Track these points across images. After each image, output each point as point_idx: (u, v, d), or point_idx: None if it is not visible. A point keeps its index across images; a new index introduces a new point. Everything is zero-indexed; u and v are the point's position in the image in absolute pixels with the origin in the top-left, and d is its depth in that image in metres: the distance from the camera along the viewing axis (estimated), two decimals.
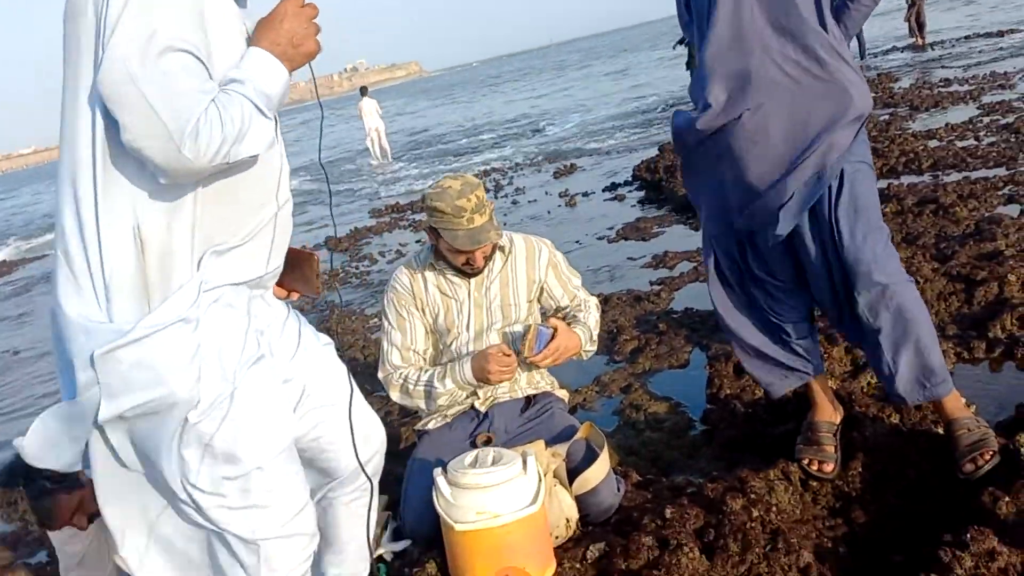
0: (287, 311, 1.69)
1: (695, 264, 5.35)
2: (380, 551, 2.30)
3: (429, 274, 2.55)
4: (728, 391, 3.26)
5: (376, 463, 1.85)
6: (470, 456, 2.04)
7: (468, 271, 2.47)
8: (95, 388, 1.38)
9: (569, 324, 2.56)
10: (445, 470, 2.02)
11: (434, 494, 2.00)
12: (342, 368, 1.77)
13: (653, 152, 8.93)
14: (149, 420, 1.43)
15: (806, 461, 2.42)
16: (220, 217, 1.46)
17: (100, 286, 1.38)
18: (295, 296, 1.77)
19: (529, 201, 9.11)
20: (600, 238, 6.64)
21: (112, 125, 1.33)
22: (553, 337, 2.43)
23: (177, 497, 1.48)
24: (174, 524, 1.54)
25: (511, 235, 2.60)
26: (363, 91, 17.66)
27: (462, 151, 16.54)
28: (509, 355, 2.40)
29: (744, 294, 2.44)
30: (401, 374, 2.53)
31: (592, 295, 2.71)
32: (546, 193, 9.27)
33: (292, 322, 1.70)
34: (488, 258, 2.49)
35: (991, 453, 2.13)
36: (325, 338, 1.78)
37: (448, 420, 2.53)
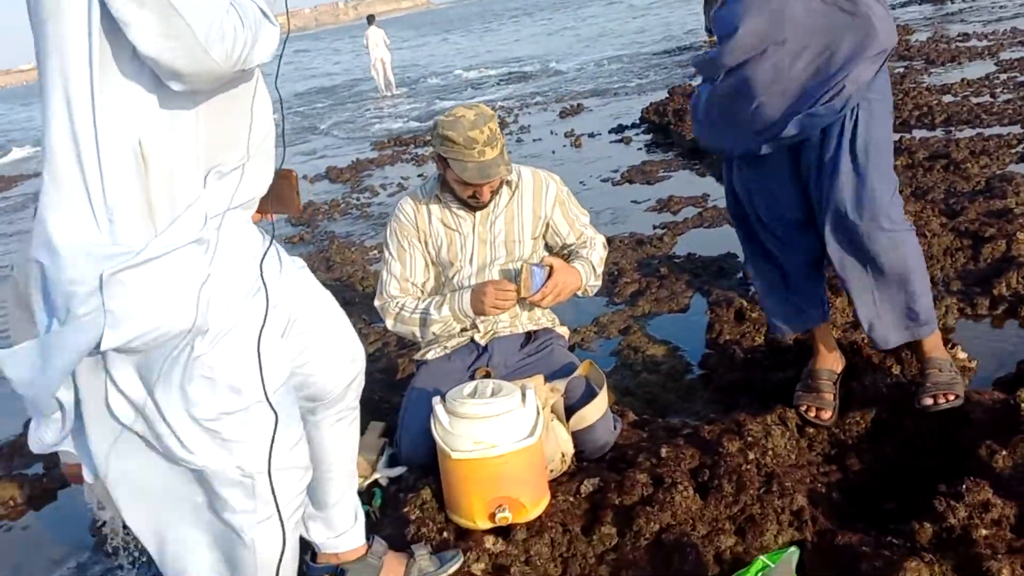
0: (264, 235, 1.64)
1: (700, 210, 5.30)
2: (376, 476, 2.31)
3: (434, 206, 2.50)
4: (728, 336, 3.25)
5: (359, 384, 1.83)
6: (469, 387, 2.03)
7: (473, 204, 2.43)
8: (92, 315, 1.28)
9: (569, 260, 2.53)
10: (444, 399, 2.01)
11: (432, 423, 1.99)
12: (321, 290, 1.73)
13: (663, 95, 8.78)
14: (150, 350, 1.36)
15: (804, 408, 2.42)
16: (220, 135, 1.39)
17: (101, 208, 1.28)
18: (272, 218, 1.71)
19: (534, 140, 9.00)
20: (605, 180, 6.58)
21: (111, 31, 1.23)
22: (550, 275, 2.40)
23: (162, 433, 1.44)
24: (141, 458, 1.50)
25: (519, 168, 2.54)
26: (370, 20, 17.30)
27: (467, 87, 16.29)
28: (508, 288, 2.37)
29: (758, 240, 2.42)
30: (398, 303, 2.51)
31: (600, 234, 2.67)
32: (551, 132, 9.15)
33: (272, 247, 1.66)
34: (495, 192, 2.45)
35: (954, 396, 2.20)
36: (299, 261, 1.73)
37: (448, 351, 2.52)
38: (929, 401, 2.22)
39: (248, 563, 1.53)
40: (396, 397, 2.85)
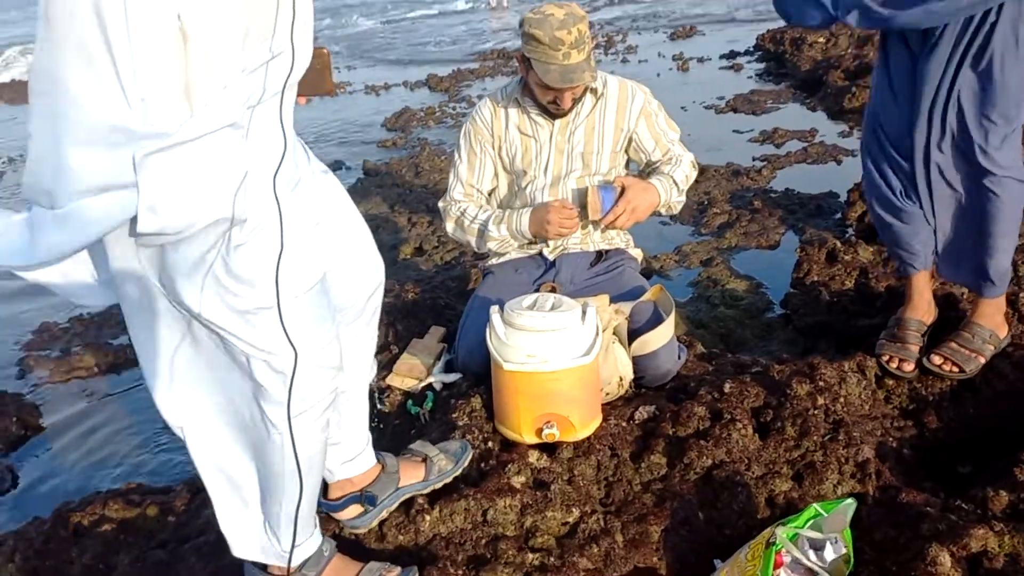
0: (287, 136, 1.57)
1: (805, 145, 5.02)
2: (430, 380, 2.29)
3: (512, 111, 2.40)
4: (816, 277, 3.07)
5: (379, 298, 1.78)
6: (529, 299, 1.97)
7: (554, 111, 2.31)
8: (123, 193, 1.21)
9: (648, 177, 2.40)
10: (502, 309, 1.96)
11: (487, 331, 1.94)
12: (345, 197, 1.66)
13: (782, 23, 8.28)
14: (186, 240, 1.32)
15: (886, 358, 2.28)
16: (262, 16, 1.29)
17: (131, 83, 1.18)
18: (302, 102, 1.64)
19: (640, 61, 8.66)
20: (708, 107, 6.29)
21: None
22: (621, 195, 2.28)
23: (202, 319, 1.43)
24: (195, 347, 1.50)
25: (606, 76, 2.40)
26: None
27: (583, 3, 15.79)
28: (571, 209, 2.28)
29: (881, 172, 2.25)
30: (460, 207, 2.45)
31: (689, 152, 2.51)
32: (659, 55, 8.79)
33: (299, 144, 1.60)
34: (577, 100, 2.32)
35: (958, 369, 2.21)
36: (322, 165, 1.67)
37: (514, 260, 2.46)
38: (936, 361, 2.23)
39: (276, 458, 1.54)
40: (462, 305, 2.82)
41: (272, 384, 1.51)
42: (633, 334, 2.18)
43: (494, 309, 1.96)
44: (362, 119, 7.69)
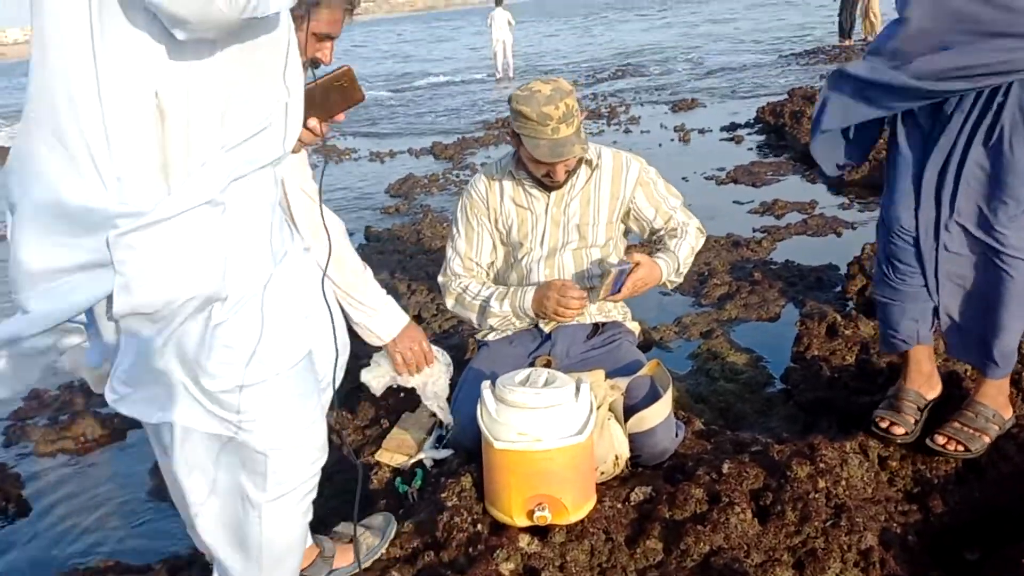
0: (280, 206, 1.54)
1: (805, 216, 5.03)
2: (421, 456, 2.23)
3: (507, 183, 2.39)
4: (816, 352, 3.03)
5: (341, 372, 1.76)
6: (522, 374, 1.92)
7: (548, 183, 2.31)
8: (102, 271, 1.20)
9: (654, 253, 2.39)
10: (494, 384, 1.91)
11: (479, 407, 1.89)
12: (318, 272, 1.64)
13: (782, 97, 8.41)
14: (163, 319, 1.29)
15: (879, 419, 2.26)
16: (244, 90, 1.28)
17: (106, 164, 1.17)
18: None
19: (642, 132, 8.78)
20: (709, 178, 6.33)
21: None
22: (631, 272, 2.26)
23: (187, 399, 1.39)
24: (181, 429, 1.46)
25: (600, 149, 2.40)
26: (498, 1, 17.29)
27: (581, 75, 16.08)
28: (573, 290, 2.25)
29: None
30: (462, 283, 2.42)
31: (694, 217, 2.50)
32: (661, 126, 8.90)
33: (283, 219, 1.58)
34: (571, 172, 2.32)
35: (963, 448, 2.16)
36: (302, 241, 1.66)
37: (509, 335, 2.42)
38: (940, 440, 2.19)
39: (254, 541, 1.48)
40: (457, 376, 2.78)
41: (254, 464, 1.47)
42: (630, 410, 2.13)
43: (485, 384, 1.92)
44: (366, 185, 7.75)
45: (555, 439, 1.80)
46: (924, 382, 2.34)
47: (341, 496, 2.28)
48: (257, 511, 1.49)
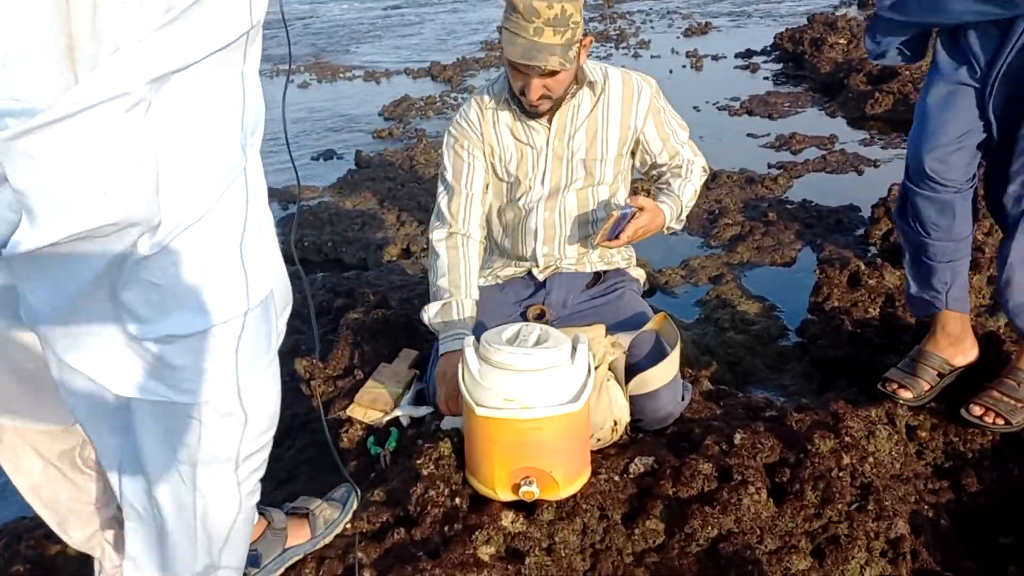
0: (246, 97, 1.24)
1: (824, 152, 4.71)
2: (396, 413, 2.00)
3: (503, 113, 2.08)
4: (836, 303, 2.78)
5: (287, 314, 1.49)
6: (510, 330, 1.68)
7: (526, 108, 2.00)
8: None
9: (656, 195, 2.11)
10: (478, 341, 1.67)
11: (459, 367, 1.65)
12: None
13: (802, 22, 7.96)
14: (78, 247, 1.02)
15: (888, 380, 2.10)
16: None
17: None
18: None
19: (652, 56, 8.34)
20: (721, 108, 5.97)
21: None
22: (633, 217, 1.98)
23: (105, 349, 1.13)
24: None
25: (606, 70, 2.09)
26: None
27: None
28: (454, 400, 1.93)
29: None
30: (439, 249, 2.11)
31: (700, 155, 2.21)
32: (672, 51, 8.46)
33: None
34: (555, 102, 1.99)
35: (1003, 421, 1.95)
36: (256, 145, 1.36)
37: (500, 281, 2.16)
38: (977, 411, 1.98)
39: (187, 522, 1.25)
40: None
41: (184, 432, 1.22)
42: (631, 370, 1.89)
43: (468, 341, 1.67)
44: (358, 106, 7.39)
45: (546, 407, 1.57)
46: (950, 345, 2.11)
47: (307, 453, 2.06)
48: (189, 487, 1.25)
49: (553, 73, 1.88)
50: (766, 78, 6.89)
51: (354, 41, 11.71)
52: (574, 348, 1.64)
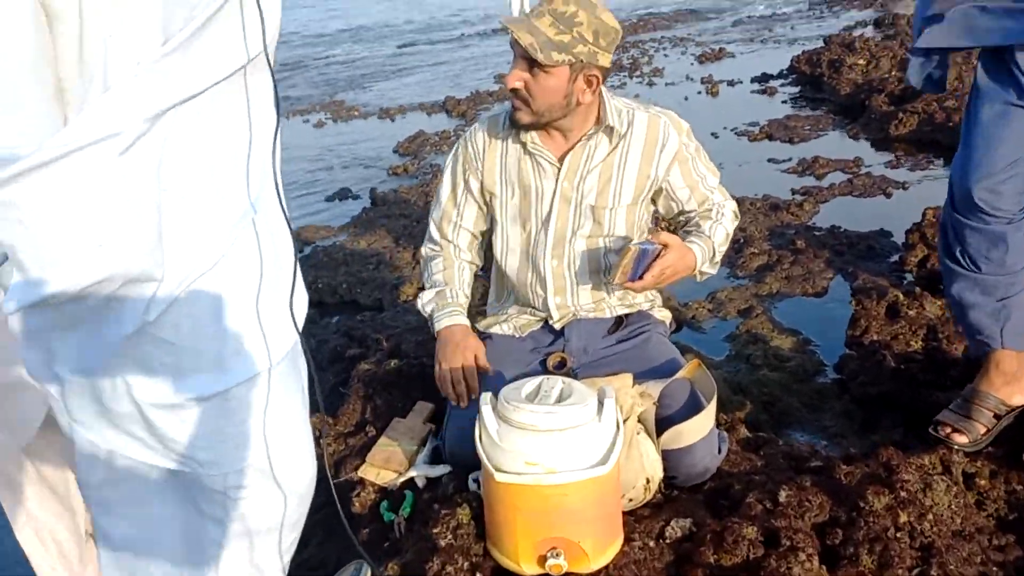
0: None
1: (850, 176, 4.57)
2: (412, 474, 1.87)
3: (513, 145, 1.97)
4: (875, 336, 2.63)
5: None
6: (530, 385, 1.55)
7: (513, 118, 1.88)
8: None
9: (685, 237, 1.96)
10: (495, 397, 1.54)
11: (476, 427, 1.52)
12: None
13: (818, 45, 7.85)
14: (82, 304, 0.92)
15: (940, 424, 1.94)
16: None
17: None
18: None
19: (667, 84, 8.25)
20: (740, 134, 5.85)
21: None
22: (658, 256, 1.82)
23: (112, 418, 1.02)
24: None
25: (633, 111, 1.93)
26: None
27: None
28: (469, 384, 1.89)
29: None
30: (432, 251, 2.11)
31: (731, 199, 2.07)
32: (687, 78, 8.36)
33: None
34: (534, 113, 1.83)
35: (964, 439, 1.90)
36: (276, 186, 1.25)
37: (518, 333, 2.03)
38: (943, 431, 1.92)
39: None
40: None
41: (211, 506, 1.10)
42: (664, 422, 1.75)
43: (485, 397, 1.54)
44: (374, 144, 7.35)
45: (572, 471, 1.43)
46: (1006, 384, 1.96)
47: (320, 514, 1.93)
48: (214, 561, 1.13)
49: (533, 65, 1.75)
50: (784, 102, 6.76)
51: (369, 79, 11.75)
52: (601, 403, 1.51)
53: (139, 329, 0.96)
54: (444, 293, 2.02)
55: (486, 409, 1.51)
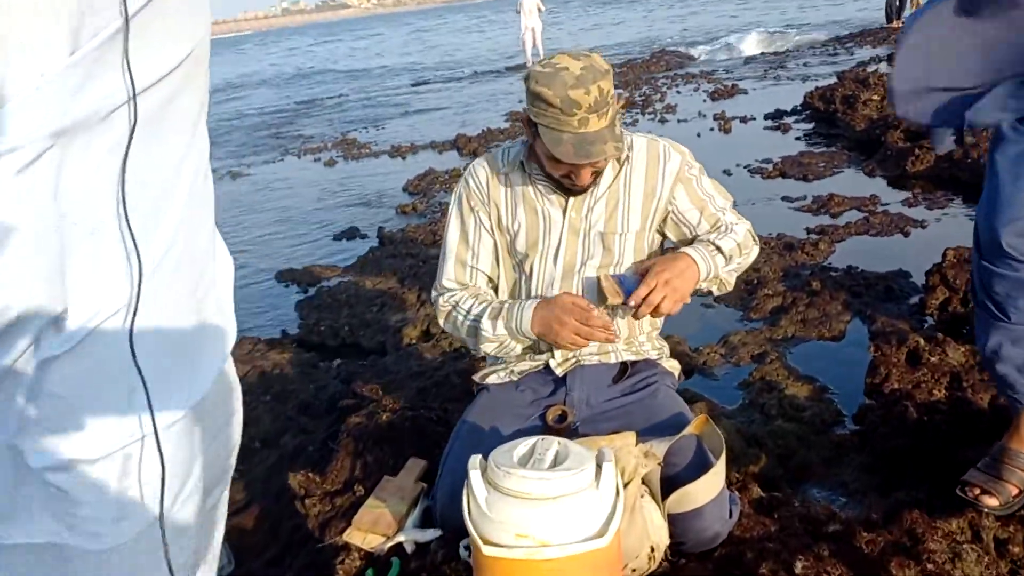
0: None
1: (866, 215, 4.45)
2: (400, 537, 1.75)
3: (516, 176, 1.89)
4: (896, 384, 2.50)
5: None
6: (523, 447, 1.43)
7: (568, 186, 1.81)
8: None
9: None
10: (485, 459, 1.42)
11: (464, 493, 1.41)
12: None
13: (831, 81, 7.78)
14: None
15: (969, 485, 1.81)
16: None
17: None
18: None
19: (679, 120, 8.21)
20: (754, 171, 5.76)
21: None
22: (649, 271, 1.75)
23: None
24: None
25: (631, 137, 1.89)
26: None
27: (615, 60, 15.44)
28: (601, 323, 1.74)
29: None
30: (453, 298, 1.92)
31: (745, 220, 1.96)
32: (700, 114, 8.32)
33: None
34: (599, 173, 1.82)
35: (994, 502, 1.76)
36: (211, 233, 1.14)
37: (515, 378, 1.92)
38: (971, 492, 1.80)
39: None
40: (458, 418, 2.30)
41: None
42: (670, 482, 1.64)
43: (474, 461, 1.42)
44: (384, 182, 7.33)
45: (567, 543, 1.31)
46: None
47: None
48: None
49: None
50: (798, 138, 6.68)
51: (382, 118, 11.81)
52: (599, 468, 1.39)
53: (33, 378, 0.85)
54: (498, 308, 1.85)
55: (474, 474, 1.39)
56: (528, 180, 1.87)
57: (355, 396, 2.60)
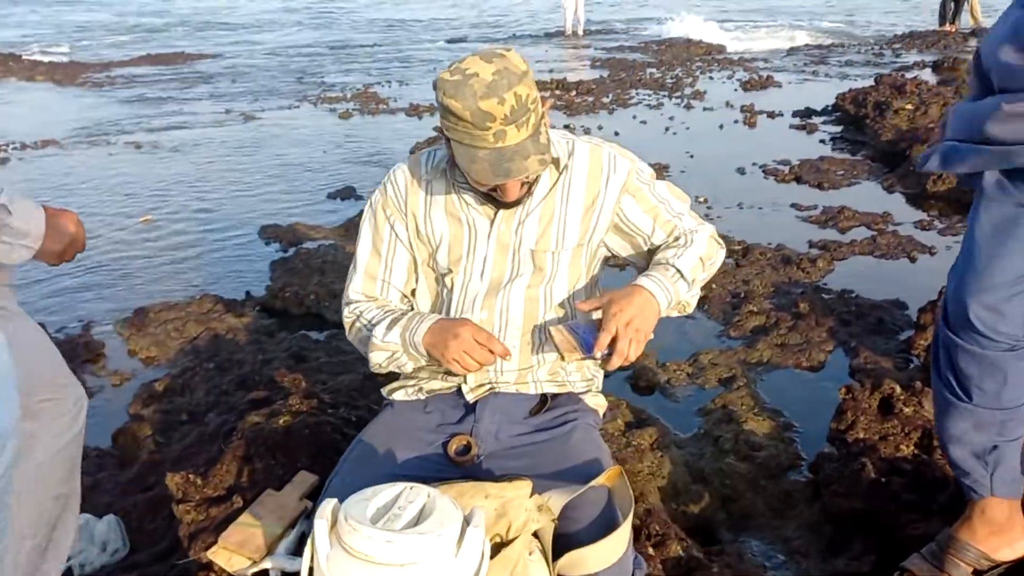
0: None
1: (875, 233, 4.21)
2: (266, 565, 1.59)
3: (439, 184, 1.69)
4: (862, 434, 2.31)
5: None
6: (386, 494, 1.26)
7: (498, 198, 1.61)
8: None
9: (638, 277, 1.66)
10: (339, 508, 1.25)
11: (307, 546, 1.24)
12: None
13: (868, 83, 7.43)
14: None
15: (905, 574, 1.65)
16: None
17: None
18: None
19: (704, 108, 7.90)
20: (769, 173, 5.49)
21: None
22: (605, 313, 1.53)
23: None
24: None
25: (573, 143, 1.68)
26: None
27: (656, 37, 15.01)
28: (487, 338, 1.55)
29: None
30: (357, 308, 1.74)
31: (707, 223, 1.74)
32: (727, 104, 8.01)
33: None
34: (531, 184, 1.61)
35: None
36: None
37: (423, 397, 1.74)
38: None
39: None
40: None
41: None
42: (565, 540, 1.46)
43: (324, 508, 1.25)
44: (392, 141, 7.13)
45: None
46: (992, 535, 1.65)
47: None
48: None
49: None
50: (822, 141, 6.39)
51: (409, 73, 11.55)
52: (463, 530, 1.22)
53: None
54: (398, 317, 1.67)
55: (319, 525, 1.22)
56: (452, 188, 1.67)
57: (269, 386, 2.44)
